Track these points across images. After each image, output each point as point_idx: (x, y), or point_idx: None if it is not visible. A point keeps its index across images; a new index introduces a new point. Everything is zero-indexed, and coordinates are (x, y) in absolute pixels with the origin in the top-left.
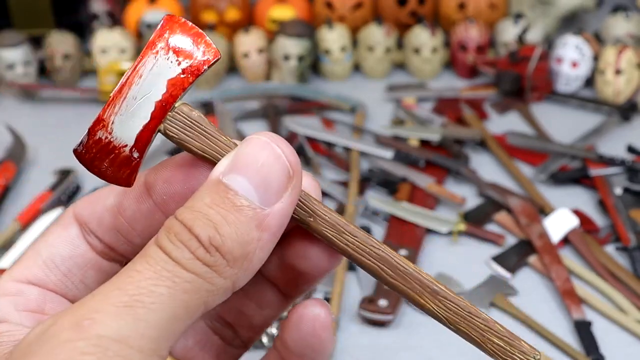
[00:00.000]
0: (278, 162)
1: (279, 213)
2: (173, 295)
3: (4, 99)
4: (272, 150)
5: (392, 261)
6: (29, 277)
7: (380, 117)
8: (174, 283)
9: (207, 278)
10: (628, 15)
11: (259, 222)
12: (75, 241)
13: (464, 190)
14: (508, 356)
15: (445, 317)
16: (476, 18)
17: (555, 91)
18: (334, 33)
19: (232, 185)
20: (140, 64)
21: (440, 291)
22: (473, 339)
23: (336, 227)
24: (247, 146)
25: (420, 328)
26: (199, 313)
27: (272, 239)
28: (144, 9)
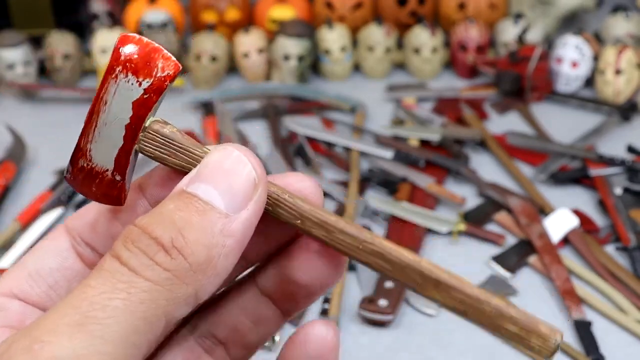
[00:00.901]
0: (244, 169)
1: (245, 220)
2: (128, 307)
3: (4, 99)
4: (238, 158)
5: (388, 255)
6: (13, 289)
7: (380, 117)
8: (128, 294)
9: (165, 286)
10: (628, 15)
11: (223, 227)
12: (63, 253)
13: (464, 190)
14: (524, 343)
15: (452, 306)
16: (476, 18)
17: (555, 91)
18: (334, 33)
19: (197, 192)
20: (103, 90)
21: (443, 280)
22: (485, 326)
23: (326, 227)
24: (211, 156)
25: (420, 328)
26: (161, 325)
27: (237, 246)
28: (143, 9)
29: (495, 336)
